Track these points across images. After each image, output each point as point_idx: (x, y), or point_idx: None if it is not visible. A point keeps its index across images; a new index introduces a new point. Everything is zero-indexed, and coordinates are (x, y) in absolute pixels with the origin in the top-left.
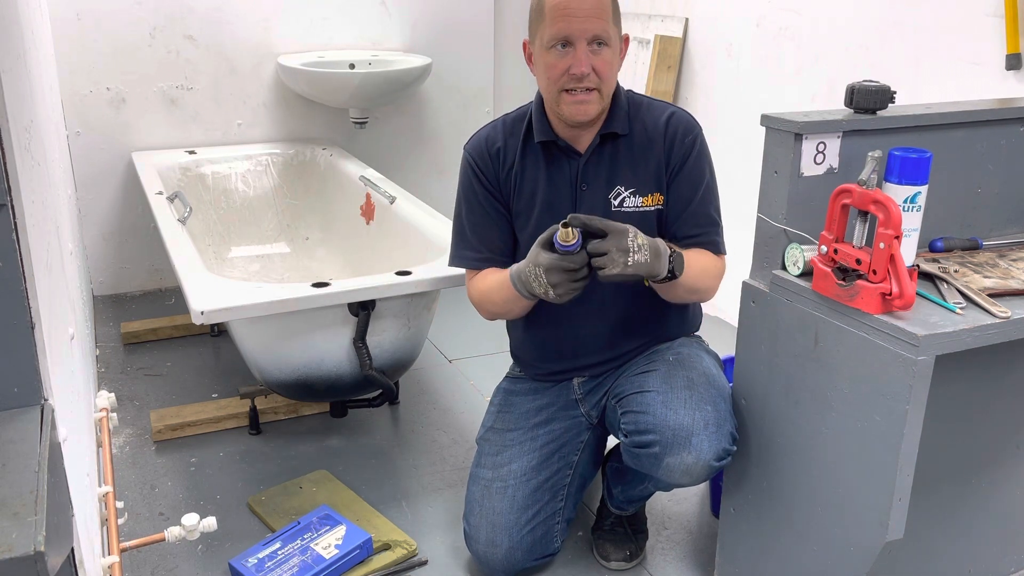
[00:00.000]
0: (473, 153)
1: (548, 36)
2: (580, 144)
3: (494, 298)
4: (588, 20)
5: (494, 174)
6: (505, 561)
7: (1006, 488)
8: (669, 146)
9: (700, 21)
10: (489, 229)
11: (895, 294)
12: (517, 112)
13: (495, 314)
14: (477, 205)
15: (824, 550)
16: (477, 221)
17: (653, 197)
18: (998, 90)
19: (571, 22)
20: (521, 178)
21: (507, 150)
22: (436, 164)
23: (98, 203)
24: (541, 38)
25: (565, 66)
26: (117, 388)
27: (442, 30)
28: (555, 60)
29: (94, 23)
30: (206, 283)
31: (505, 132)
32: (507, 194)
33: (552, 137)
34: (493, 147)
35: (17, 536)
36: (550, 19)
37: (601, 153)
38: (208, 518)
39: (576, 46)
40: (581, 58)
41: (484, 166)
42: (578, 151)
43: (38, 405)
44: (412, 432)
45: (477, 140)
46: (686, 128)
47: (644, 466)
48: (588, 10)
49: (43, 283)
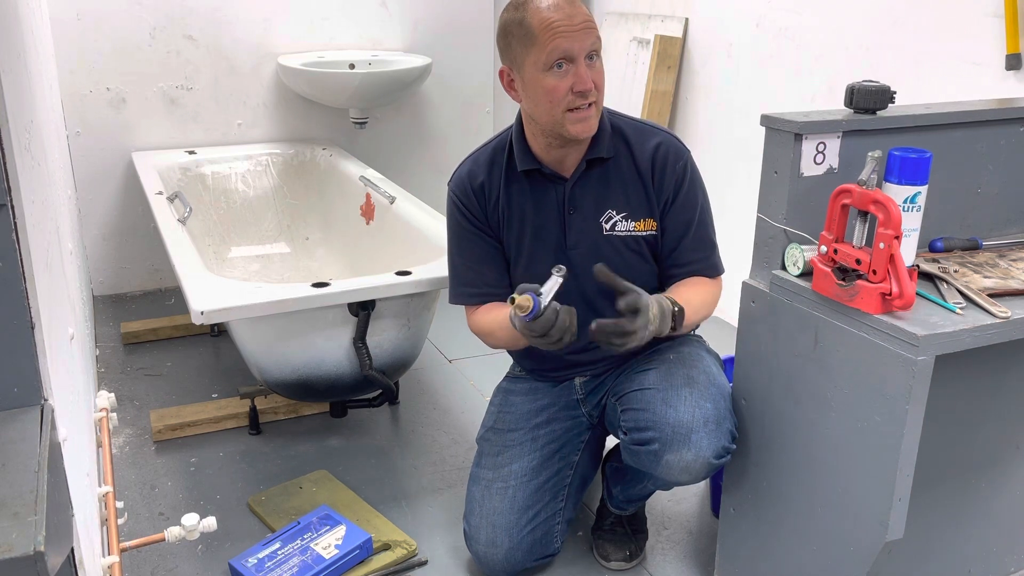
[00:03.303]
0: (457, 191)
1: (546, 57)
2: (565, 169)
3: (498, 336)
4: (584, 34)
5: (480, 210)
6: (505, 561)
7: (1006, 488)
8: (660, 175)
9: (700, 21)
10: (482, 264)
11: (895, 294)
12: (496, 140)
13: (500, 347)
14: (467, 242)
15: (824, 550)
16: (469, 257)
17: (646, 223)
18: (998, 90)
19: (569, 39)
20: (508, 210)
21: (491, 184)
22: (436, 164)
23: (98, 203)
24: (535, 61)
25: (568, 85)
26: (117, 388)
27: (442, 30)
28: (556, 81)
29: (94, 23)
30: (206, 283)
31: (487, 164)
32: (496, 227)
33: (536, 165)
34: (476, 182)
35: (17, 536)
36: (543, 39)
37: (588, 177)
38: (208, 518)
39: (576, 62)
40: (584, 74)
41: (469, 203)
42: (563, 176)
43: (38, 405)
44: (412, 432)
45: (459, 177)
46: (675, 155)
47: (643, 464)
48: (580, 24)
49: (43, 283)
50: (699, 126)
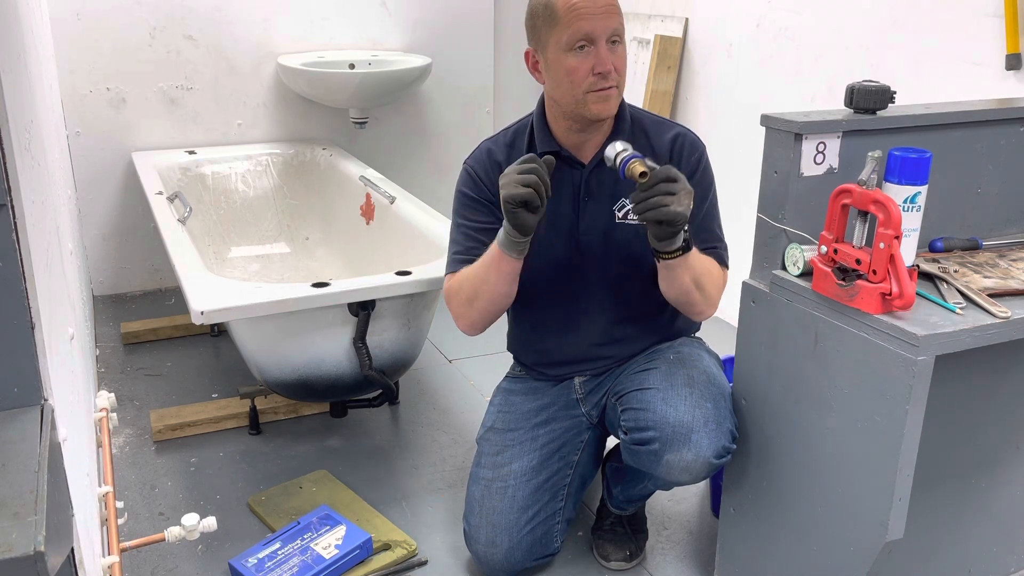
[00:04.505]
0: (475, 165)
1: (567, 38)
2: (583, 155)
3: (471, 275)
4: (606, 17)
5: (495, 185)
6: (505, 561)
7: (1006, 488)
8: (675, 164)
9: (700, 21)
10: (481, 233)
11: (895, 294)
12: (516, 125)
13: (468, 300)
14: (472, 211)
15: (824, 550)
16: (471, 226)
17: None
18: (998, 90)
19: (591, 20)
20: None
21: (509, 163)
22: (436, 164)
23: (98, 203)
24: (557, 42)
25: (589, 66)
26: (117, 388)
27: (442, 30)
28: (578, 62)
29: (94, 23)
30: (206, 283)
31: (507, 146)
32: None
33: (555, 148)
34: (495, 160)
35: (17, 536)
36: (567, 20)
37: (605, 165)
38: (208, 518)
39: (597, 44)
40: (605, 56)
41: (485, 177)
42: (581, 162)
43: (38, 405)
44: (412, 432)
45: (479, 154)
46: (692, 147)
47: (644, 464)
48: (604, 7)
49: (43, 283)
50: (699, 126)
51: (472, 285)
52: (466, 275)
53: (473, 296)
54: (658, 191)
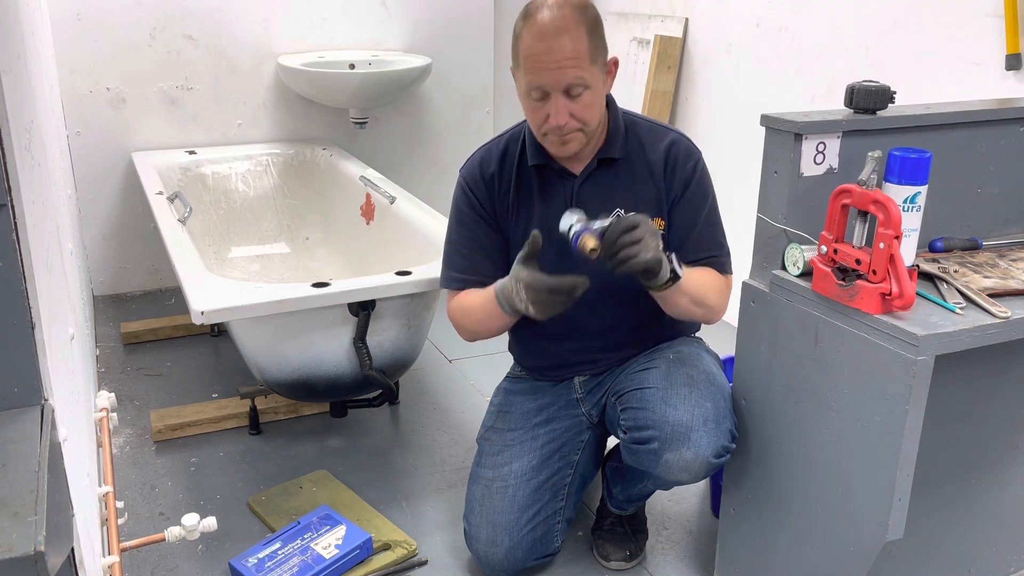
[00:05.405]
0: (468, 178)
1: (525, 85)
2: (574, 167)
3: (474, 314)
4: (562, 71)
5: (488, 200)
6: (505, 561)
7: (1006, 488)
8: (671, 173)
9: (700, 21)
10: (477, 252)
11: (895, 294)
12: (510, 133)
13: (473, 331)
14: (468, 228)
15: (824, 550)
16: (466, 244)
17: (654, 222)
18: (998, 90)
19: (545, 75)
20: (516, 202)
21: (502, 175)
22: (436, 164)
23: (98, 203)
24: (519, 81)
25: (544, 115)
26: (117, 388)
27: (442, 30)
28: (534, 108)
29: (94, 23)
30: (206, 283)
31: (499, 156)
32: (503, 220)
33: (546, 160)
34: (487, 172)
35: (17, 536)
36: (525, 67)
37: (597, 176)
38: (208, 518)
39: (552, 97)
40: (559, 109)
41: (478, 191)
42: (572, 173)
43: (38, 405)
44: (412, 432)
45: (471, 165)
46: (687, 155)
47: (643, 463)
48: (561, 60)
49: (43, 283)
50: (699, 126)
51: (471, 321)
52: (465, 309)
53: (474, 331)
54: (622, 245)
